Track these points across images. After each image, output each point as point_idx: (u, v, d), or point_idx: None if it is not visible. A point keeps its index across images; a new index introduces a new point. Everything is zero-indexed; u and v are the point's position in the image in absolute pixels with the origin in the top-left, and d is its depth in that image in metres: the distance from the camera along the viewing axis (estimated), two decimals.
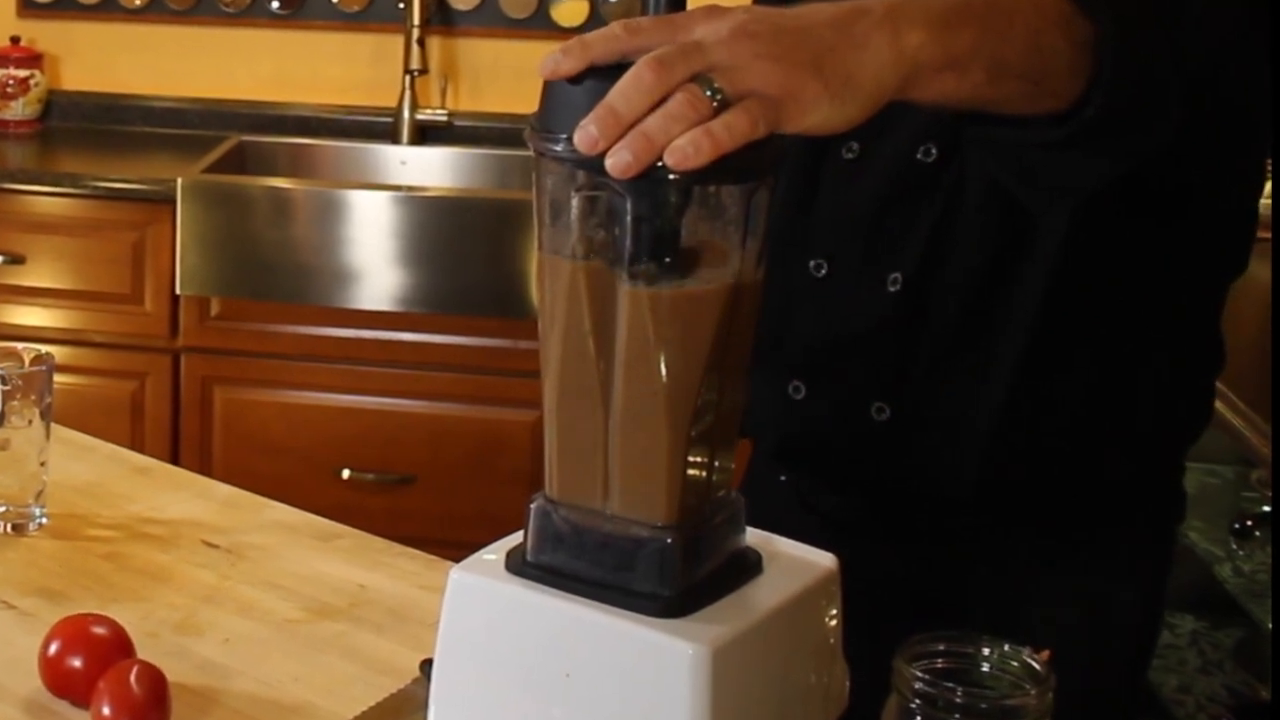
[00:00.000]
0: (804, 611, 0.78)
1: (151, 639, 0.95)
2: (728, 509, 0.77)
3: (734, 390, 0.76)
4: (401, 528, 1.38)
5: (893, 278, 1.00)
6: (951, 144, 0.97)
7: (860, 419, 1.01)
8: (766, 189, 0.73)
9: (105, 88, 2.66)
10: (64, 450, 1.20)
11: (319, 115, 2.60)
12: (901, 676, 0.73)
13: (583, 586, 0.74)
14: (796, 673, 0.78)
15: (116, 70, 2.66)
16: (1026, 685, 0.74)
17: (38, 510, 1.12)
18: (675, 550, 0.73)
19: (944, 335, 0.99)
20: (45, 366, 1.11)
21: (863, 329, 1.01)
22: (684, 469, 0.73)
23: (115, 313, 2.28)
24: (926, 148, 0.99)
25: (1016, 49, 0.74)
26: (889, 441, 1.01)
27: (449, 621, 0.77)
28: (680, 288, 0.71)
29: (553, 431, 0.75)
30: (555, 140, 0.70)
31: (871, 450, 1.02)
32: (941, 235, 0.98)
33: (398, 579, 1.06)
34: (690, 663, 0.71)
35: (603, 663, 0.73)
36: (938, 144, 0.98)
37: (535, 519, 0.76)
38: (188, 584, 1.05)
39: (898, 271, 1.00)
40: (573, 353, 0.73)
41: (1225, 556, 1.81)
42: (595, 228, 0.71)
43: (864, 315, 1.01)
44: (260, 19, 2.61)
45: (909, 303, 0.99)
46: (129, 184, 2.26)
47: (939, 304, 0.99)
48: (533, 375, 0.82)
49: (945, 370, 1.00)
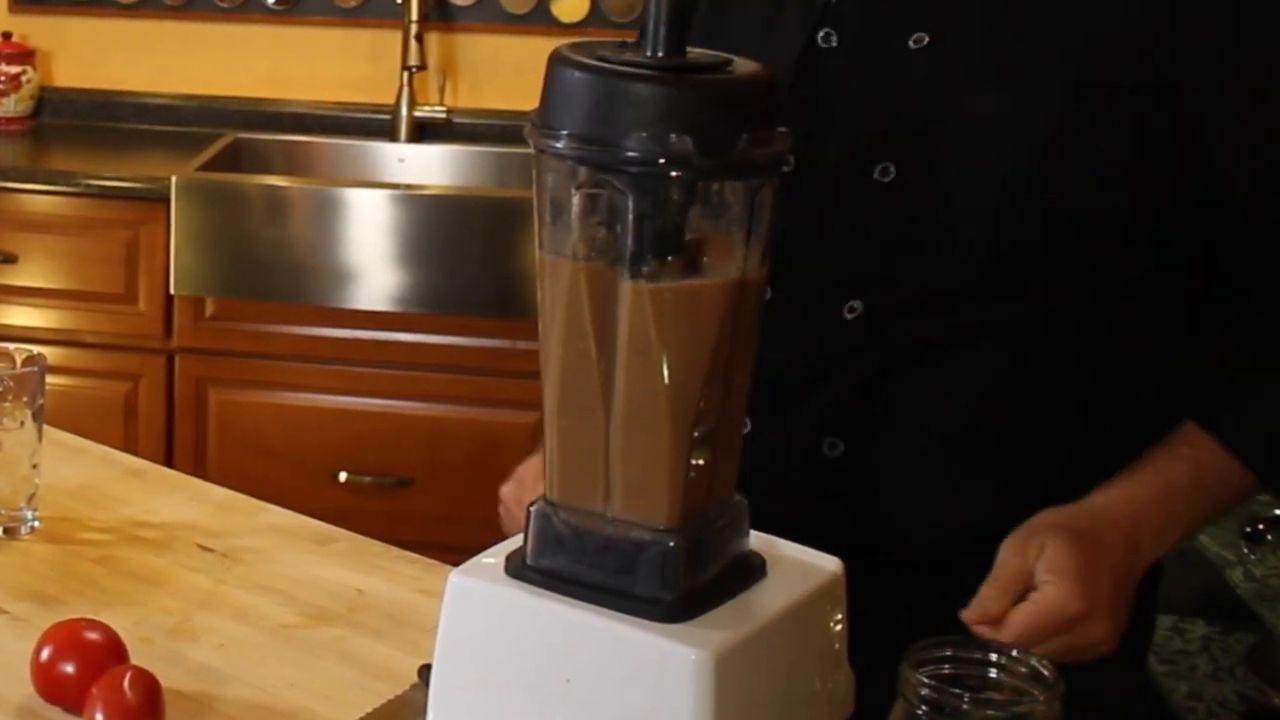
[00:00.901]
0: (808, 616, 0.78)
1: (145, 644, 0.95)
2: (730, 512, 0.77)
3: (737, 391, 0.75)
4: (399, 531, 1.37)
5: (849, 305, 0.95)
6: (912, 163, 0.93)
7: (812, 455, 0.97)
8: (770, 186, 0.72)
9: (98, 84, 2.64)
10: (56, 452, 1.19)
11: (315, 112, 2.59)
12: (908, 682, 0.73)
13: (583, 591, 0.73)
14: (800, 678, 0.78)
15: (110, 66, 2.65)
16: (1034, 691, 0.73)
17: (30, 513, 1.12)
18: (677, 554, 0.72)
19: (903, 366, 0.95)
20: (37, 367, 1.11)
21: (816, 359, 0.96)
22: (686, 471, 0.73)
23: (108, 313, 2.26)
24: (884, 166, 0.94)
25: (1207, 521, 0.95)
26: (843, 479, 0.97)
27: (448, 626, 0.77)
28: (683, 285, 0.70)
29: (553, 433, 0.75)
30: (556, 136, 0.69)
31: (825, 489, 0.97)
32: (903, 261, 0.94)
33: (396, 583, 1.06)
34: (692, 668, 0.70)
35: (604, 668, 0.72)
36: (896, 163, 0.94)
37: (535, 522, 0.75)
38: (182, 588, 1.04)
39: (857, 299, 0.95)
40: (573, 353, 0.73)
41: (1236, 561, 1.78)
42: (597, 225, 0.71)
43: (817, 345, 0.96)
44: (256, 14, 2.59)
45: (867, 332, 0.95)
46: (122, 182, 2.25)
47: (899, 333, 0.95)
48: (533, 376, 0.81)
49: (903, 404, 0.96)
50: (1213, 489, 0.93)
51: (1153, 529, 0.91)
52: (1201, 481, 0.92)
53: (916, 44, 0.94)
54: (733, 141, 0.69)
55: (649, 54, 0.70)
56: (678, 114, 0.68)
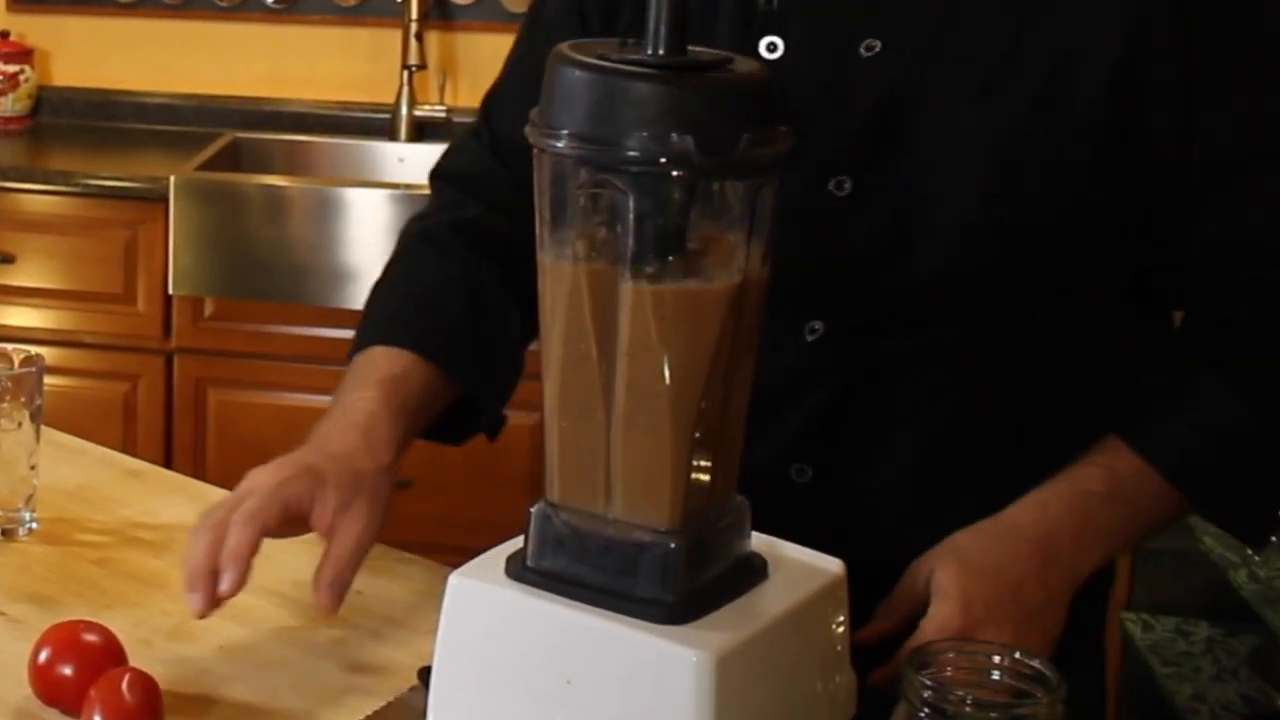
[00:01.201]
0: (810, 618, 0.78)
1: (144, 646, 0.94)
2: (732, 513, 0.77)
3: (738, 392, 0.75)
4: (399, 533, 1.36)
5: (811, 326, 0.93)
6: (869, 176, 0.91)
7: (781, 483, 0.95)
8: (771, 186, 0.72)
9: (97, 83, 2.64)
10: (54, 453, 1.18)
11: (315, 111, 2.59)
12: (910, 684, 0.72)
13: (584, 592, 0.73)
14: (802, 680, 0.78)
15: (108, 65, 2.64)
16: (1037, 692, 0.73)
17: (28, 515, 1.11)
18: (678, 555, 0.72)
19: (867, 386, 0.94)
20: (35, 368, 1.10)
21: (780, 383, 0.93)
22: (687, 472, 0.73)
23: (107, 313, 2.26)
24: (839, 180, 0.91)
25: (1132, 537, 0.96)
26: (813, 505, 0.95)
27: (448, 628, 0.77)
28: (684, 285, 0.70)
29: (554, 434, 0.74)
30: (557, 135, 0.69)
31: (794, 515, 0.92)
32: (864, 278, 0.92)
33: (395, 585, 1.05)
34: (693, 670, 0.70)
35: (604, 670, 0.72)
36: (853, 176, 0.91)
37: (536, 523, 0.75)
38: (181, 590, 1.03)
39: (818, 320, 0.93)
40: (574, 354, 0.72)
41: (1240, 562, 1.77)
42: (597, 226, 0.70)
43: (781, 369, 0.92)
44: (255, 13, 2.59)
45: (830, 353, 0.93)
46: (121, 182, 2.25)
47: (861, 353, 0.93)
48: (533, 377, 0.81)
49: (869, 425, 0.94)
50: (1133, 498, 0.91)
51: (1069, 537, 0.89)
52: (1118, 490, 0.90)
53: (868, 51, 0.91)
54: (734, 141, 0.69)
55: (650, 53, 0.70)
56: (679, 113, 0.68)
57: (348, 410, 0.97)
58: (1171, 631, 1.94)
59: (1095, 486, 0.91)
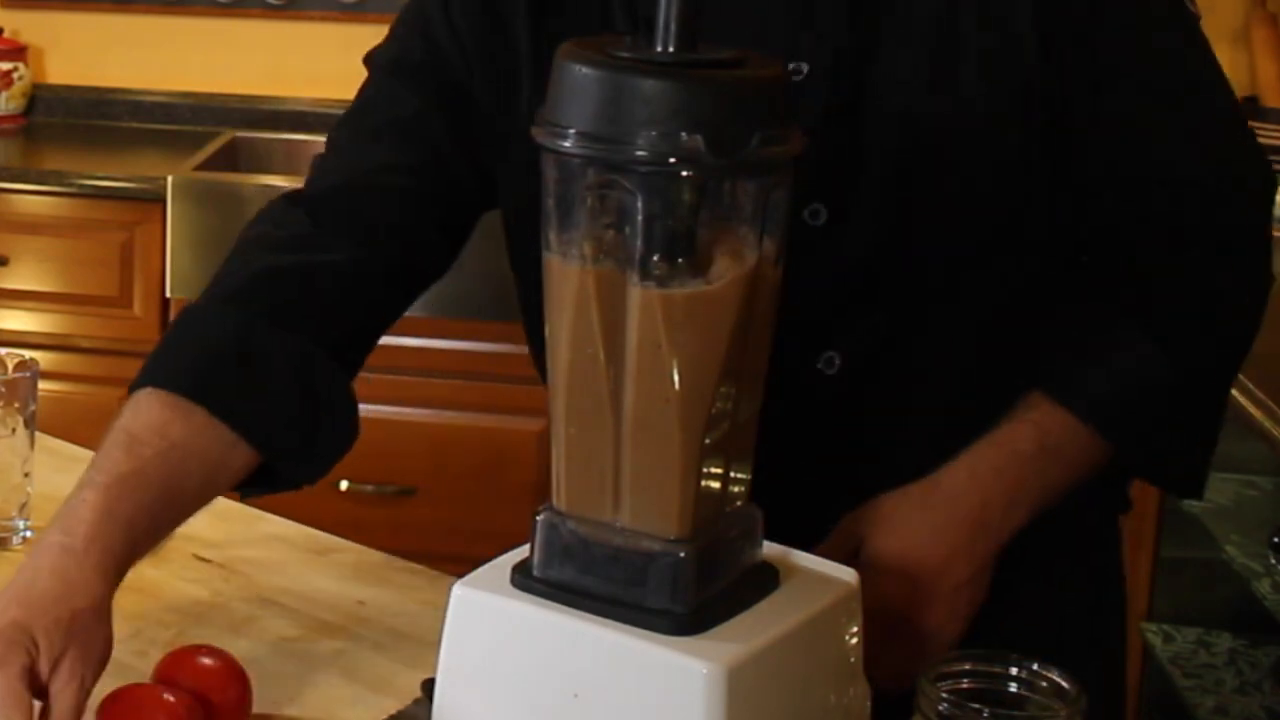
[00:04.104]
0: (823, 629, 0.77)
1: (141, 658, 0.93)
2: (743, 522, 0.76)
3: (750, 397, 0.74)
4: (402, 541, 1.36)
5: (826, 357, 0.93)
6: (845, 205, 0.90)
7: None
8: (783, 187, 0.71)
9: (92, 81, 2.63)
10: (49, 461, 1.17)
11: (315, 110, 2.58)
12: (926, 697, 0.72)
13: (592, 602, 0.73)
14: (815, 693, 0.77)
15: (104, 63, 2.63)
16: (1056, 705, 0.72)
17: (22, 523, 1.10)
18: (689, 565, 0.72)
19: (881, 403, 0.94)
20: (29, 373, 1.10)
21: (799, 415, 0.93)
22: (698, 480, 0.72)
23: (103, 316, 2.25)
24: (814, 208, 0.90)
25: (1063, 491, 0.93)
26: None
27: (452, 639, 0.76)
28: (694, 288, 0.69)
29: (560, 440, 0.74)
30: (563, 134, 0.68)
31: None
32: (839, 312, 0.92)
33: (398, 595, 1.04)
34: (704, 682, 0.69)
35: (612, 682, 0.71)
36: (828, 205, 0.90)
37: (542, 532, 0.74)
38: (179, 600, 1.03)
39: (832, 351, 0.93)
40: (581, 358, 0.72)
41: (1264, 572, 1.74)
42: (605, 227, 0.70)
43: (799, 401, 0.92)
44: (254, 10, 2.58)
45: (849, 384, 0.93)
46: (117, 182, 2.24)
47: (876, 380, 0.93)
48: (539, 382, 0.80)
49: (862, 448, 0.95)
50: (1063, 450, 0.91)
51: (1000, 506, 0.90)
52: (1047, 445, 0.91)
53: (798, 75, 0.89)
54: (745, 140, 0.68)
55: (659, 49, 0.69)
56: (688, 111, 0.67)
57: (66, 521, 0.85)
58: (1193, 643, 1.92)
59: (1024, 445, 0.91)
